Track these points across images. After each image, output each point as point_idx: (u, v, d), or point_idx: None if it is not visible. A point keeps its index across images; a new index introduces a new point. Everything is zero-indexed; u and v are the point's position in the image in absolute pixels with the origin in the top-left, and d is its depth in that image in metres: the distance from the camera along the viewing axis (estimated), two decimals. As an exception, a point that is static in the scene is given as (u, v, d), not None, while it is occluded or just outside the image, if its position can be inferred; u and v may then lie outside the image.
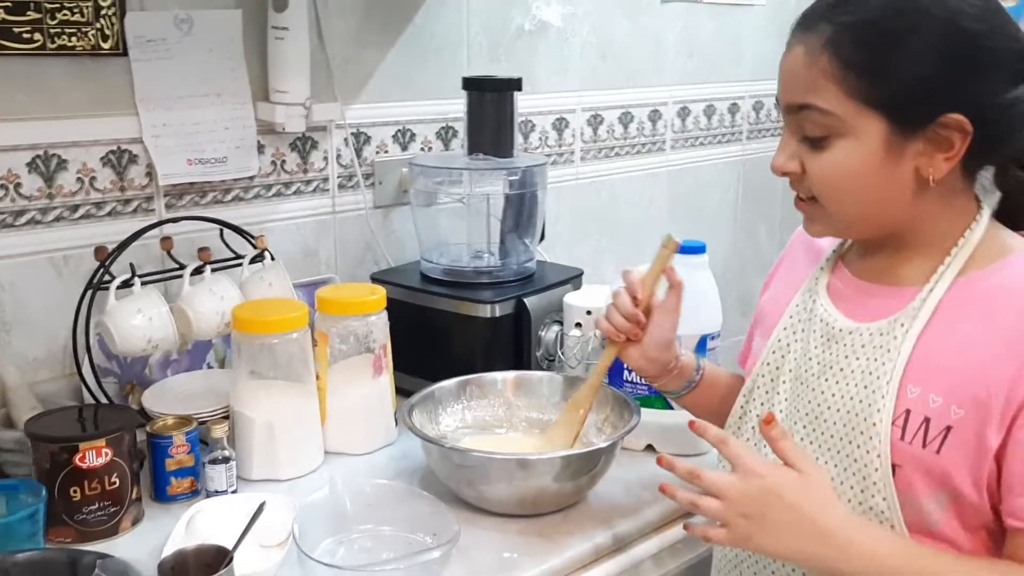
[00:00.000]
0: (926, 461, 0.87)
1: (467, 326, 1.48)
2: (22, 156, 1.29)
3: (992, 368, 0.85)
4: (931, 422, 0.86)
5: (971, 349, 0.87)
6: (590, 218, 2.11)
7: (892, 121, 0.87)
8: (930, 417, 0.87)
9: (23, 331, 1.33)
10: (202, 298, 1.32)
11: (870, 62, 0.87)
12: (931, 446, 0.86)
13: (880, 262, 0.97)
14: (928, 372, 0.88)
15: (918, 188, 0.89)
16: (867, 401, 0.91)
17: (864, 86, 0.87)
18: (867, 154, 0.89)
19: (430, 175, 1.60)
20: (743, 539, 0.89)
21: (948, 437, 0.86)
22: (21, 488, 1.09)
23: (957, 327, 0.89)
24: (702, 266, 1.37)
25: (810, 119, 0.90)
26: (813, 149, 0.92)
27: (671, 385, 1.16)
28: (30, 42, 1.26)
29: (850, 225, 0.96)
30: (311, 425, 1.32)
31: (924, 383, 0.88)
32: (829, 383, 0.96)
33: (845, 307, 0.98)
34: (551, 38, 1.93)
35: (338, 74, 1.59)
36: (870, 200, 0.91)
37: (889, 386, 0.89)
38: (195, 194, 1.47)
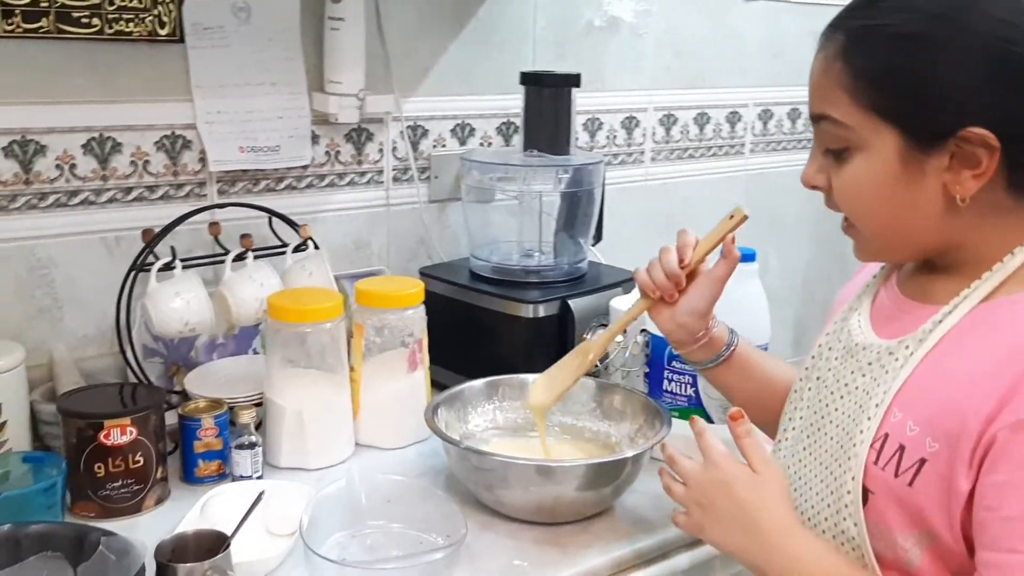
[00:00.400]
0: (899, 492, 0.81)
1: (510, 325, 1.46)
2: (78, 138, 1.33)
3: (969, 403, 0.77)
4: (905, 451, 0.81)
5: (956, 380, 0.80)
6: (659, 221, 2.05)
7: (905, 133, 0.81)
8: (905, 445, 0.81)
9: (74, 308, 1.37)
10: (242, 284, 1.34)
11: (879, 71, 0.81)
12: (904, 476, 0.81)
13: (921, 279, 0.91)
14: (914, 398, 0.82)
15: (948, 207, 0.82)
16: (856, 420, 0.86)
17: (873, 96, 0.81)
18: (882, 168, 0.83)
19: (482, 170, 1.58)
20: (697, 526, 0.95)
21: (922, 471, 0.80)
22: (45, 461, 1.12)
23: (956, 355, 0.82)
24: (752, 274, 1.30)
25: (828, 131, 0.86)
26: (836, 163, 0.86)
27: (697, 355, 1.12)
28: (88, 27, 1.29)
29: (882, 246, 0.90)
30: (341, 416, 1.32)
31: (907, 409, 0.82)
32: (834, 397, 0.91)
33: (879, 322, 0.92)
34: (622, 34, 1.88)
35: (396, 66, 1.58)
36: (891, 218, 0.85)
37: (878, 408, 0.84)
38: (247, 181, 1.48)
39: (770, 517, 0.88)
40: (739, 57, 2.10)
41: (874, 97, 0.81)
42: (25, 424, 1.24)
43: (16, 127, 1.28)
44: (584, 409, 1.32)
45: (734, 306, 1.27)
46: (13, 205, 1.30)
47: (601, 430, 1.30)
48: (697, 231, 2.14)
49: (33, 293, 1.34)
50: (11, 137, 1.28)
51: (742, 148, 2.18)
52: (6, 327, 1.32)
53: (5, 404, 1.19)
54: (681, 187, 2.08)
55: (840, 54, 0.83)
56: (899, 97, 0.81)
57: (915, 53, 0.80)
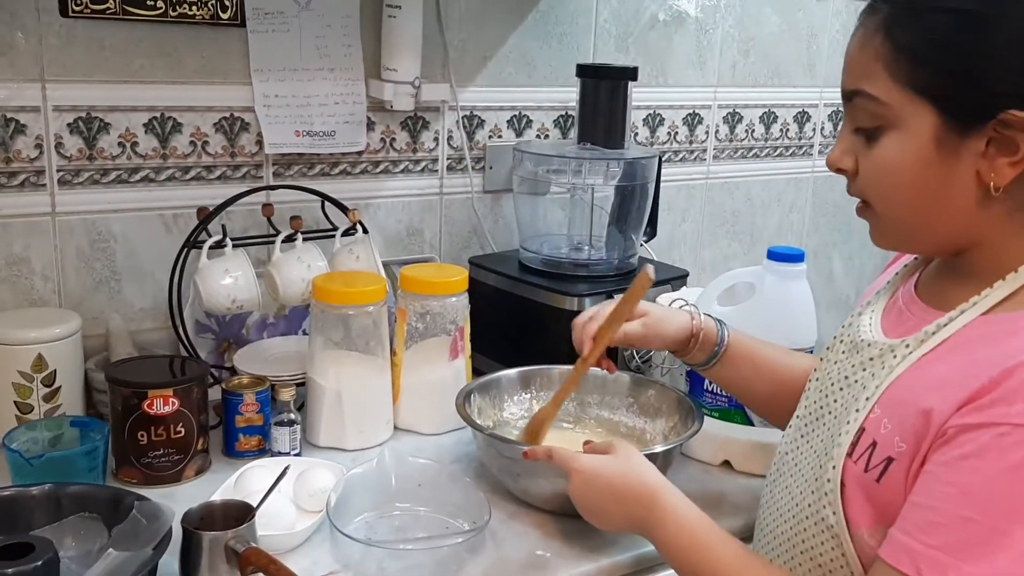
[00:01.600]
0: (867, 487, 0.81)
1: (554, 318, 1.45)
2: (140, 117, 1.37)
3: (938, 405, 0.75)
4: (876, 447, 0.81)
5: (933, 384, 0.77)
6: (720, 220, 2.02)
7: (943, 113, 0.78)
8: (877, 442, 0.81)
9: (132, 282, 1.42)
10: (290, 265, 1.36)
11: (922, 46, 0.78)
12: (872, 472, 0.81)
13: (938, 284, 0.88)
14: (894, 398, 0.81)
15: (982, 197, 0.79)
16: (847, 412, 0.85)
17: (914, 72, 0.78)
18: (916, 149, 0.79)
19: (534, 162, 1.58)
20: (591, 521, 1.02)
21: (888, 469, 0.79)
22: (91, 426, 1.16)
23: (943, 361, 0.79)
24: (799, 275, 1.27)
25: (861, 107, 0.82)
26: (867, 143, 0.83)
27: (696, 358, 1.14)
28: (153, 9, 1.33)
29: (901, 233, 0.86)
30: (380, 399, 1.33)
31: (886, 407, 0.81)
32: (834, 390, 0.90)
33: (890, 321, 0.90)
34: (688, 29, 1.86)
35: (454, 55, 1.59)
36: (917, 203, 0.82)
37: (868, 402, 0.83)
38: (303, 165, 1.51)
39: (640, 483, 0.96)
40: (809, 55, 2.05)
41: (914, 73, 0.78)
42: (79, 390, 1.29)
43: (82, 104, 1.33)
44: (621, 404, 1.31)
45: (779, 306, 1.26)
46: (77, 180, 1.35)
47: (637, 425, 1.29)
48: (760, 231, 2.11)
49: (93, 265, 1.39)
50: (77, 114, 1.33)
51: (810, 149, 2.13)
52: (66, 297, 1.37)
53: (60, 370, 1.24)
54: (744, 186, 2.04)
55: (882, 27, 0.80)
56: (940, 74, 0.78)
57: (962, 29, 0.77)
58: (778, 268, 1.27)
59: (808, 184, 2.15)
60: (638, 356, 1.42)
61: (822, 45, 2.06)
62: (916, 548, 0.73)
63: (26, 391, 1.23)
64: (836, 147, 0.87)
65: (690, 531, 0.92)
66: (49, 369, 1.23)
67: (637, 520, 0.96)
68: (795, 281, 1.27)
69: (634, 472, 0.97)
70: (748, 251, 2.08)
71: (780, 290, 1.26)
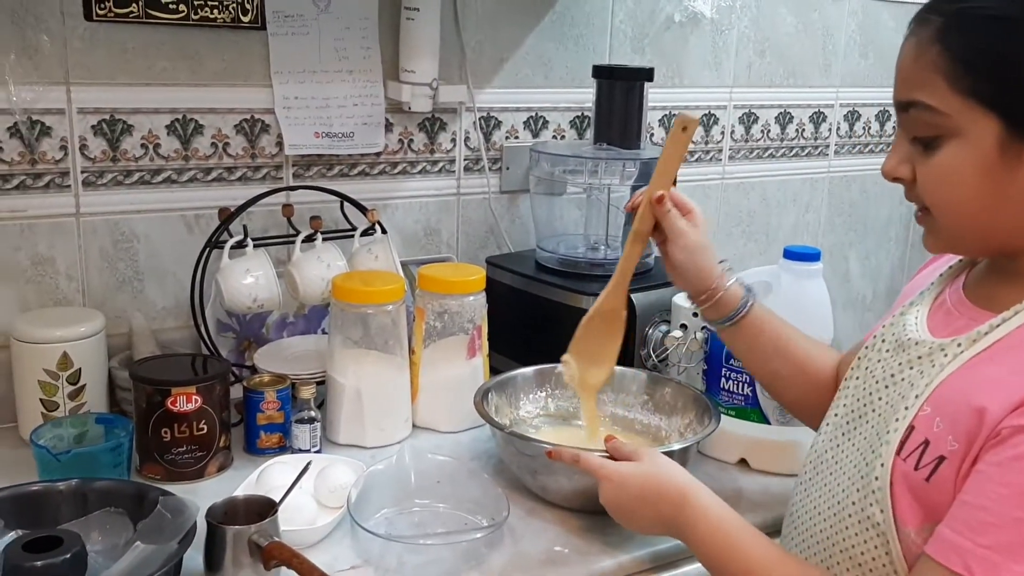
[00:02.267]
0: (916, 485, 0.81)
1: (571, 317, 1.45)
2: (162, 119, 1.39)
3: (992, 405, 0.76)
4: (929, 446, 0.81)
5: (987, 384, 0.78)
6: (736, 220, 2.03)
7: (1007, 121, 0.78)
8: (929, 440, 0.81)
9: (154, 281, 1.44)
10: (310, 264, 1.38)
11: (978, 55, 0.79)
12: (923, 471, 0.81)
13: (988, 285, 0.89)
14: (946, 396, 0.81)
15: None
16: (895, 410, 0.85)
17: (973, 81, 0.78)
18: (978, 158, 0.80)
19: (550, 162, 1.59)
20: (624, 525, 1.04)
21: (940, 467, 0.79)
22: (116, 423, 1.18)
23: (997, 361, 0.80)
24: (815, 274, 1.28)
25: (918, 118, 0.82)
26: (924, 152, 0.83)
27: (712, 312, 1.13)
28: (175, 12, 1.35)
29: (962, 239, 0.87)
30: (399, 397, 1.35)
31: (937, 406, 0.82)
32: (879, 387, 0.90)
33: (936, 321, 0.91)
34: (703, 30, 1.87)
35: (471, 57, 1.60)
36: (978, 209, 0.82)
37: (917, 400, 0.84)
38: (322, 166, 1.53)
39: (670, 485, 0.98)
40: (825, 56, 2.06)
41: (974, 82, 0.79)
42: (103, 388, 1.31)
43: (106, 107, 1.35)
44: (636, 402, 1.32)
45: (795, 304, 1.26)
46: (101, 181, 1.37)
47: (652, 423, 1.30)
48: (775, 231, 2.11)
49: (116, 265, 1.41)
50: (101, 116, 1.35)
51: (826, 149, 2.13)
52: (90, 296, 1.39)
53: (85, 369, 1.26)
54: (760, 186, 2.05)
55: (937, 38, 0.80)
56: (999, 82, 0.78)
57: (1012, 36, 0.78)
58: (794, 267, 1.27)
59: (824, 184, 2.15)
60: (655, 354, 1.43)
61: (838, 45, 2.07)
62: (967, 546, 0.74)
63: (52, 389, 1.25)
64: (891, 157, 0.87)
65: (723, 531, 0.93)
66: (74, 367, 1.25)
67: (669, 521, 0.97)
68: (811, 280, 1.28)
69: (663, 474, 0.99)
70: (764, 251, 2.08)
71: (796, 289, 1.27)
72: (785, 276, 1.27)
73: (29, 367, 1.25)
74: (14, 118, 1.29)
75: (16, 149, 1.31)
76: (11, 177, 1.31)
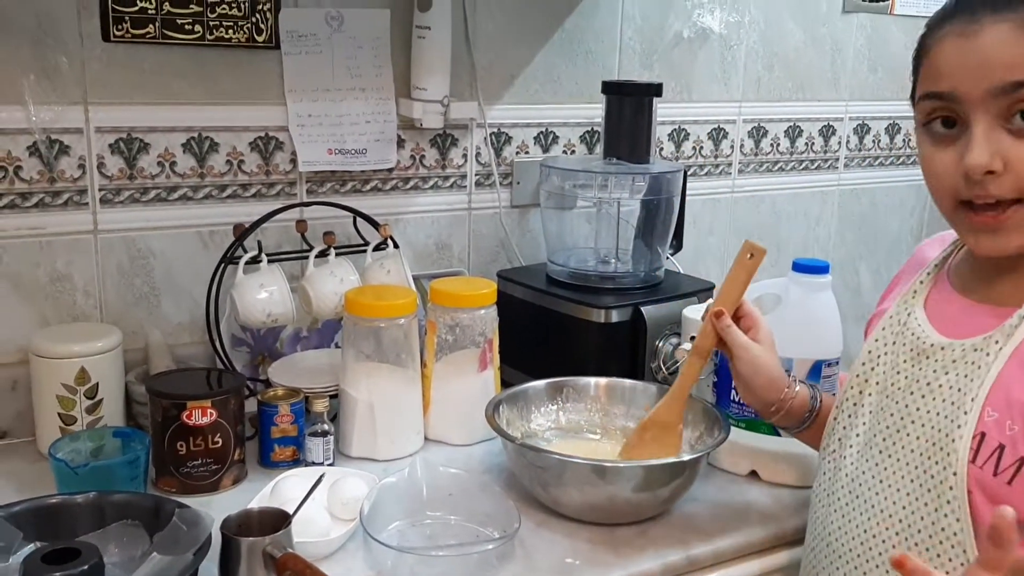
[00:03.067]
0: (997, 491, 0.81)
1: (582, 330, 1.47)
2: (178, 137, 1.42)
3: None
4: (1005, 450, 0.80)
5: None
6: (745, 233, 2.03)
7: None
8: (1004, 444, 0.80)
9: (170, 297, 1.46)
10: (323, 279, 1.40)
11: None
12: (1003, 475, 0.80)
13: (984, 282, 0.89)
14: (1009, 397, 0.81)
15: None
16: (951, 418, 0.84)
17: None
18: None
19: (561, 176, 1.60)
20: None
21: (1022, 470, 0.78)
22: (132, 436, 1.20)
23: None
24: (824, 287, 1.28)
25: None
26: (1018, 139, 0.82)
27: (784, 421, 1.12)
28: (191, 33, 1.38)
29: None
30: (411, 410, 1.36)
31: (1003, 408, 0.81)
32: (915, 397, 0.89)
33: (940, 322, 0.91)
34: (712, 45, 1.88)
35: (482, 74, 1.62)
36: None
37: (974, 403, 0.83)
38: (335, 182, 1.55)
39: None
40: (834, 70, 2.07)
41: None
42: (120, 402, 1.33)
43: (123, 125, 1.38)
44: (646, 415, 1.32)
45: (804, 317, 1.27)
46: (118, 198, 1.39)
47: (663, 436, 1.31)
48: (785, 244, 2.12)
49: (133, 281, 1.43)
50: (118, 135, 1.38)
51: (836, 162, 2.14)
52: (108, 312, 1.41)
53: (102, 383, 1.28)
54: (769, 200, 2.06)
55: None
56: None
57: None
58: (803, 280, 1.28)
59: (834, 197, 2.16)
60: (665, 367, 1.44)
61: (847, 59, 2.08)
62: None
63: (70, 403, 1.27)
64: (982, 150, 0.84)
65: None
66: (91, 382, 1.27)
67: None
68: (820, 292, 1.28)
69: None
70: (775, 264, 2.08)
71: (805, 302, 1.28)
72: (794, 289, 1.28)
73: (47, 382, 1.27)
74: (34, 137, 1.32)
75: (35, 168, 1.33)
76: (30, 195, 1.34)
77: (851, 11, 2.05)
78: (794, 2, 1.97)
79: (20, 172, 1.33)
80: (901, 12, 2.12)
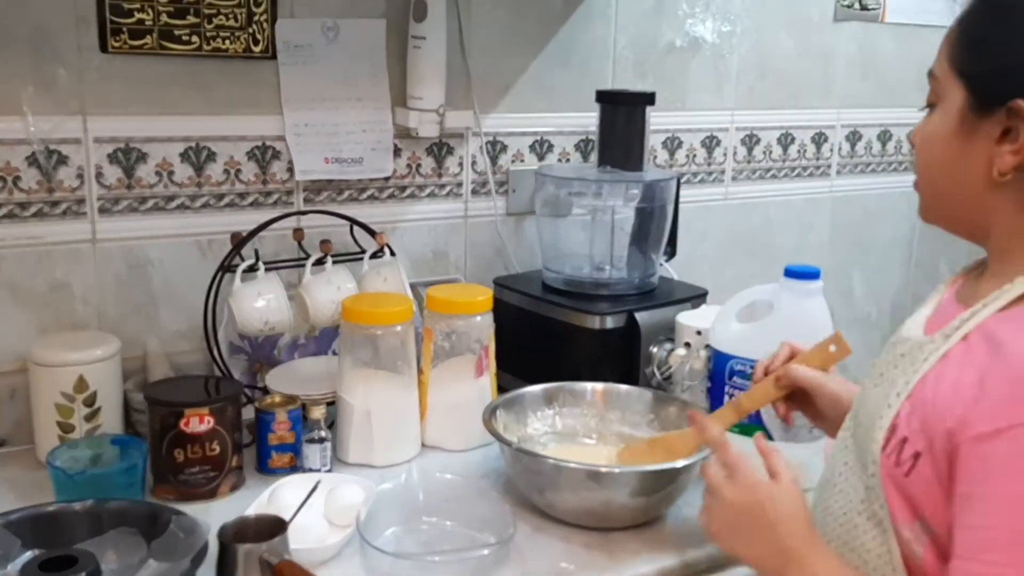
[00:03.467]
0: (899, 480, 0.84)
1: (577, 336, 1.49)
2: (176, 147, 1.43)
3: (949, 410, 0.79)
4: (906, 443, 0.83)
5: (949, 384, 0.80)
6: (739, 240, 2.05)
7: (970, 93, 0.84)
8: (907, 438, 0.83)
9: (169, 305, 1.47)
10: (320, 287, 1.41)
11: (974, 31, 0.85)
12: (903, 466, 0.84)
13: (974, 282, 0.92)
14: (922, 395, 0.84)
15: (989, 182, 0.83)
16: (879, 408, 0.88)
17: (961, 54, 0.85)
18: (944, 123, 0.86)
19: (556, 184, 1.62)
20: (715, 535, 0.98)
21: (916, 464, 0.82)
22: (130, 444, 1.21)
23: (960, 359, 0.82)
24: (815, 293, 1.30)
25: (930, 86, 0.89)
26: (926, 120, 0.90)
27: None
28: (188, 44, 1.39)
29: (929, 205, 0.92)
30: (408, 416, 1.37)
31: (915, 405, 0.84)
32: (870, 384, 0.93)
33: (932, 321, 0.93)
34: (704, 54, 1.90)
35: (477, 83, 1.64)
36: (939, 175, 0.89)
37: (898, 397, 0.86)
38: (332, 191, 1.56)
39: (797, 536, 0.91)
40: (826, 78, 2.09)
41: (961, 55, 0.85)
42: (118, 410, 1.34)
43: (121, 136, 1.39)
44: (642, 420, 1.34)
45: (795, 323, 1.28)
46: (116, 208, 1.40)
47: (658, 441, 1.32)
48: (779, 251, 2.13)
49: (131, 289, 1.44)
50: (116, 145, 1.39)
51: (828, 169, 2.16)
52: (106, 320, 1.42)
53: (100, 391, 1.29)
54: (762, 207, 2.07)
55: (958, 19, 0.87)
56: (972, 55, 0.84)
57: (997, 18, 0.83)
58: (794, 286, 1.30)
59: (826, 204, 2.17)
60: (659, 372, 1.45)
61: (838, 67, 2.10)
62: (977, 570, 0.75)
63: (68, 411, 1.27)
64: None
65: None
66: (90, 390, 1.28)
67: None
68: (811, 298, 1.30)
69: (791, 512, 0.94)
70: (767, 270, 2.10)
71: (797, 308, 1.29)
72: (785, 295, 1.29)
73: (46, 390, 1.28)
74: (32, 148, 1.33)
75: (34, 178, 1.34)
76: (29, 205, 1.35)
77: (842, 20, 2.07)
78: (785, 12, 1.99)
79: (19, 182, 1.34)
80: (892, 20, 2.13)
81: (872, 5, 2.10)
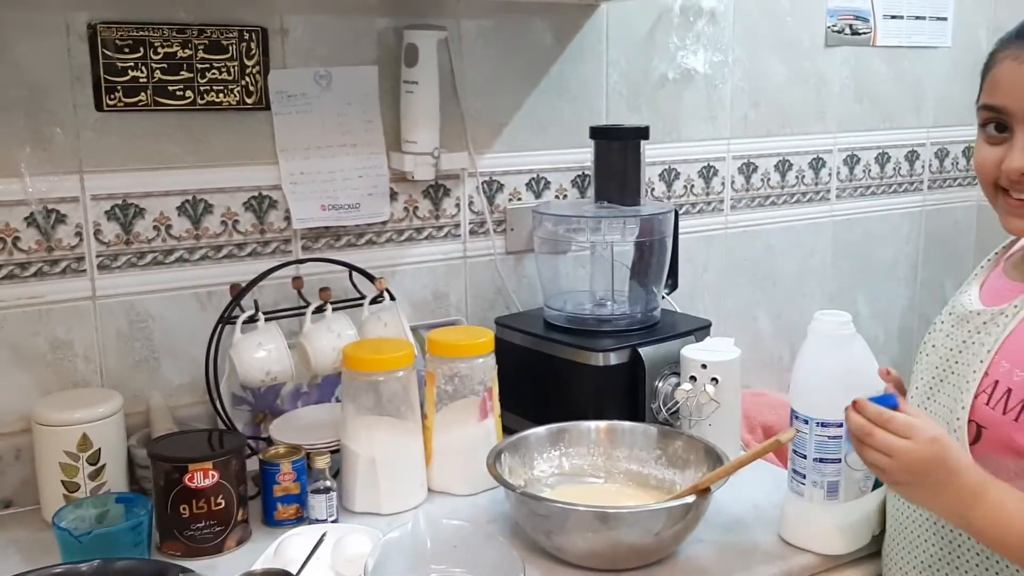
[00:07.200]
0: (1005, 427, 0.99)
1: (580, 374, 1.48)
2: (173, 201, 1.43)
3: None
4: (1012, 393, 0.99)
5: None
6: (741, 268, 2.04)
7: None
8: (1012, 388, 0.99)
9: (170, 359, 1.47)
10: (321, 335, 1.40)
11: None
12: (1010, 413, 0.99)
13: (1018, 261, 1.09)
14: (1019, 352, 1.00)
15: None
16: (971, 367, 1.03)
17: None
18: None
19: (553, 222, 1.62)
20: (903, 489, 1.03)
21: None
22: (135, 501, 1.20)
23: None
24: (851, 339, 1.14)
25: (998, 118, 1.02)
26: None
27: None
28: (182, 98, 1.40)
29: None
30: (413, 462, 1.36)
31: (1014, 360, 1.00)
32: (952, 354, 1.07)
33: (987, 297, 1.09)
34: (697, 85, 1.91)
35: (471, 124, 1.65)
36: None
37: (989, 354, 1.02)
38: (330, 237, 1.56)
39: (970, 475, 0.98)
40: (820, 102, 2.09)
41: None
42: (123, 467, 1.33)
43: (118, 192, 1.39)
44: (649, 456, 1.33)
45: (846, 377, 1.12)
46: (115, 264, 1.41)
47: (666, 478, 1.31)
48: (781, 277, 2.12)
49: (132, 345, 1.44)
50: (113, 202, 1.39)
51: (827, 194, 2.16)
52: (108, 376, 1.42)
53: (104, 449, 1.29)
54: (763, 234, 2.07)
55: None
56: None
57: None
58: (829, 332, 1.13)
59: (827, 228, 2.17)
60: (665, 407, 1.44)
61: (832, 91, 2.10)
62: None
63: (72, 470, 1.27)
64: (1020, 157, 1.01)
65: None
66: (94, 448, 1.27)
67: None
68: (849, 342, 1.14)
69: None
70: (770, 297, 2.09)
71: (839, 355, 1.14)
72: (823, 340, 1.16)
73: (50, 449, 1.27)
74: (30, 208, 1.34)
75: (33, 238, 1.35)
76: (29, 265, 1.35)
77: (833, 45, 2.08)
78: (776, 39, 2.00)
79: (18, 243, 1.34)
80: (883, 44, 2.14)
81: (863, 29, 2.11)
